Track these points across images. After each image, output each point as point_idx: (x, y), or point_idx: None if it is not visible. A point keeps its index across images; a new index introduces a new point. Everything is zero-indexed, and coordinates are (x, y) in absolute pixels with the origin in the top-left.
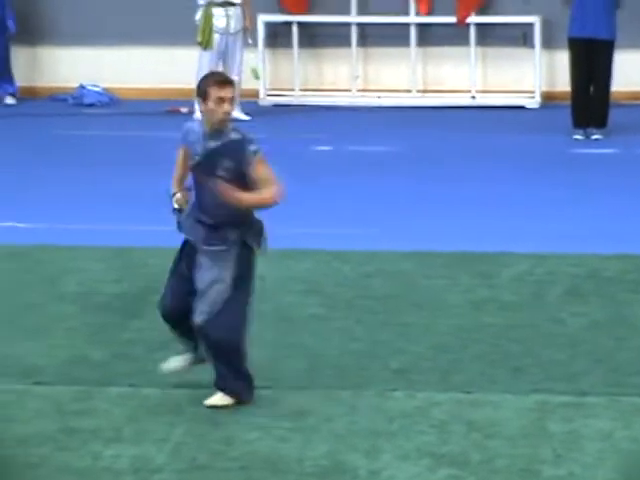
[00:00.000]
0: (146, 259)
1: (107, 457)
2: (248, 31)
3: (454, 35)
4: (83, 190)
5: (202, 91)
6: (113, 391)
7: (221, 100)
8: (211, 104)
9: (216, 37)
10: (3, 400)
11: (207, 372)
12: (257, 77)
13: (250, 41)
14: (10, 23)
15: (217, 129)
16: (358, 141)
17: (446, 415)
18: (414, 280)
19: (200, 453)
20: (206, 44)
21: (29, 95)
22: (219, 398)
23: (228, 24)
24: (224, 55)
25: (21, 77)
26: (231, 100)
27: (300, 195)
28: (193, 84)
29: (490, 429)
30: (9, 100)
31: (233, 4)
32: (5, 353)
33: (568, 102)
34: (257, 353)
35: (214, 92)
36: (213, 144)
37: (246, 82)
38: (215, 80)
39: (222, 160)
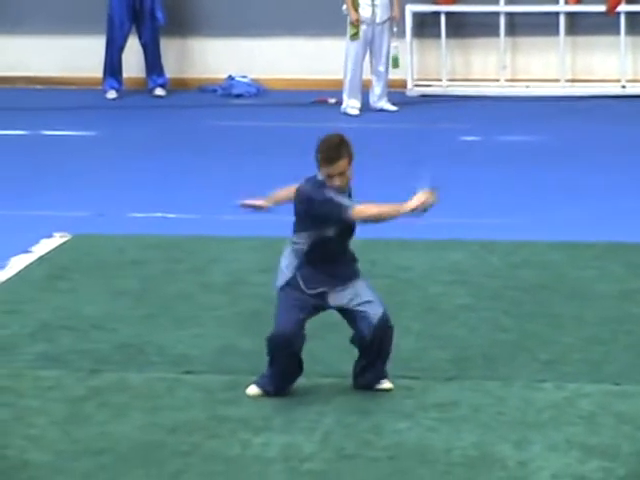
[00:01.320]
0: None
1: (256, 445)
2: (395, 20)
3: (604, 24)
4: (231, 180)
5: (316, 157)
6: None
7: (330, 177)
8: (324, 174)
9: (363, 27)
10: (155, 388)
11: (351, 361)
12: (396, 66)
13: (395, 29)
14: (159, 14)
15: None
16: (506, 131)
17: (595, 406)
18: (563, 271)
19: (349, 442)
20: (353, 34)
21: (179, 86)
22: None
23: (374, 13)
24: (371, 45)
25: (171, 69)
26: (340, 174)
27: (448, 185)
28: (341, 74)
29: None
30: (159, 92)
31: None
32: (156, 342)
33: None
34: (404, 343)
35: (324, 169)
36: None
37: (394, 72)
38: (323, 157)
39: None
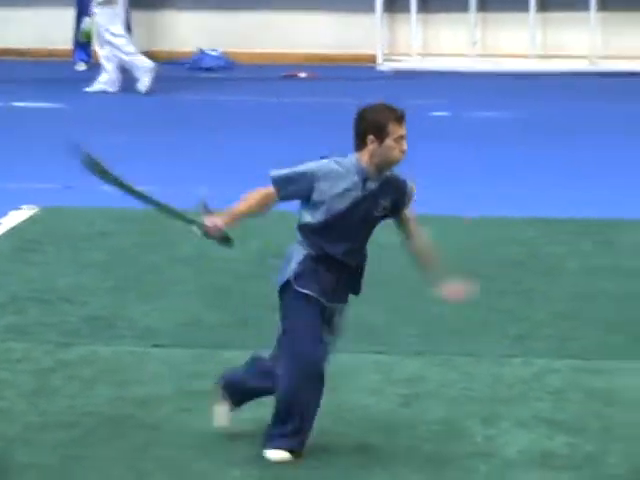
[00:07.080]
0: (265, 223)
1: (234, 420)
2: None
3: (574, 0)
4: (200, 154)
5: (378, 126)
6: (228, 354)
7: (402, 138)
8: (390, 142)
9: None
10: (122, 362)
11: None
12: (87, 39)
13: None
14: None
15: (382, 170)
16: (475, 107)
17: (563, 382)
18: (535, 247)
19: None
20: None
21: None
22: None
23: None
24: None
25: (140, 42)
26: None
27: (417, 160)
28: (314, 48)
29: (608, 396)
30: None
31: None
32: (124, 315)
33: None
34: (371, 316)
35: (396, 129)
36: (373, 185)
37: (363, 47)
38: (395, 116)
39: (381, 199)
